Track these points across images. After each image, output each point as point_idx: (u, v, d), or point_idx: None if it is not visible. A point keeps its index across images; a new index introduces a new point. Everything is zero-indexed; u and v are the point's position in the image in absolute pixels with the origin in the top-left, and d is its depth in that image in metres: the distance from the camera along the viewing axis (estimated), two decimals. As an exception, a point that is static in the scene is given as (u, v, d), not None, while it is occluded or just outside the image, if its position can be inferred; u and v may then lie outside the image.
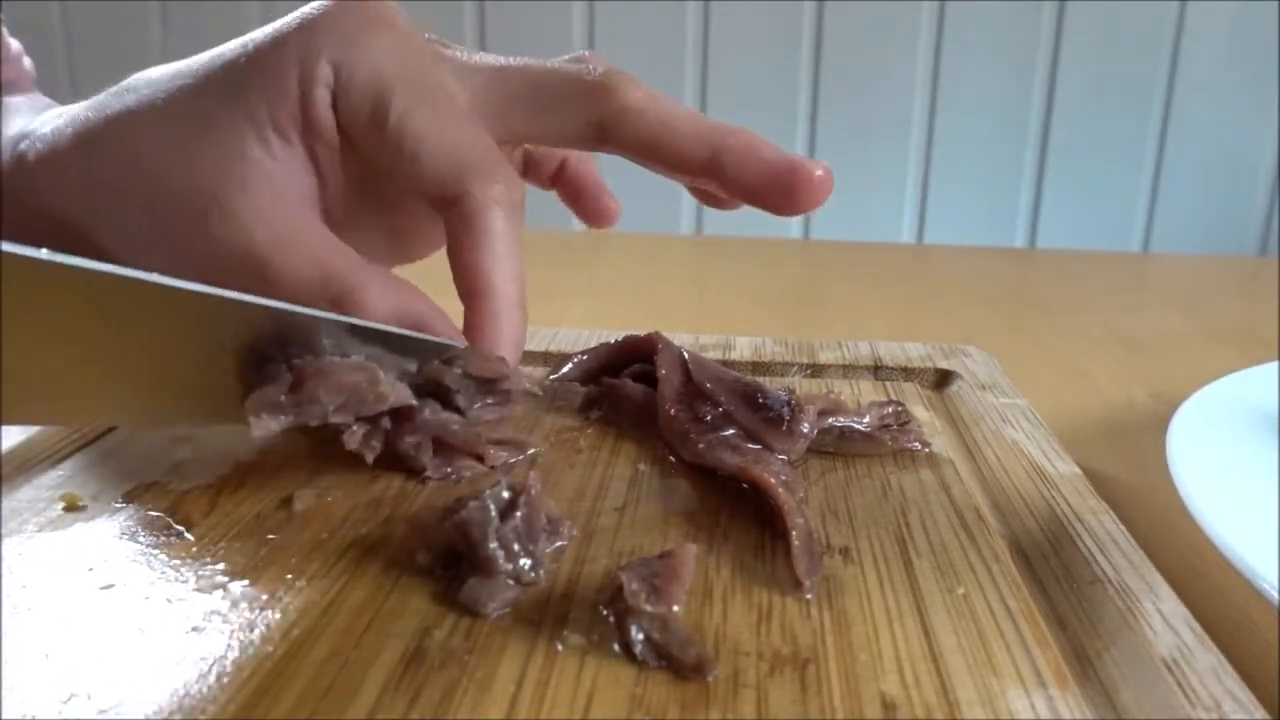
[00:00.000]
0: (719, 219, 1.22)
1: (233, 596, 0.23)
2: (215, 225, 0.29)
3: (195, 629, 0.22)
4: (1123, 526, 0.27)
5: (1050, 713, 0.20)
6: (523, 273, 0.30)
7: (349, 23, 0.30)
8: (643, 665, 0.20)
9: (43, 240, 0.34)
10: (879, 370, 0.41)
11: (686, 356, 0.34)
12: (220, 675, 0.20)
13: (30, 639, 0.21)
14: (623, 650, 0.21)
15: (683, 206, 1.24)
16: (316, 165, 0.31)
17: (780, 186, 0.30)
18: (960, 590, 0.24)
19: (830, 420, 0.32)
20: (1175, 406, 0.34)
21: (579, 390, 0.37)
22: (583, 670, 0.20)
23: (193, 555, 0.25)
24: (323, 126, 0.30)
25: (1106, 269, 0.89)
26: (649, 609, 0.21)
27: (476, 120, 0.31)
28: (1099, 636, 0.22)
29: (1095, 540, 0.26)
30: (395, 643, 0.21)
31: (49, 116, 0.33)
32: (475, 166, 0.30)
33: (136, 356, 0.24)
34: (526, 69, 0.32)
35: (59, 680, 0.20)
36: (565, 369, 0.37)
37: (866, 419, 0.32)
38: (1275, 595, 0.23)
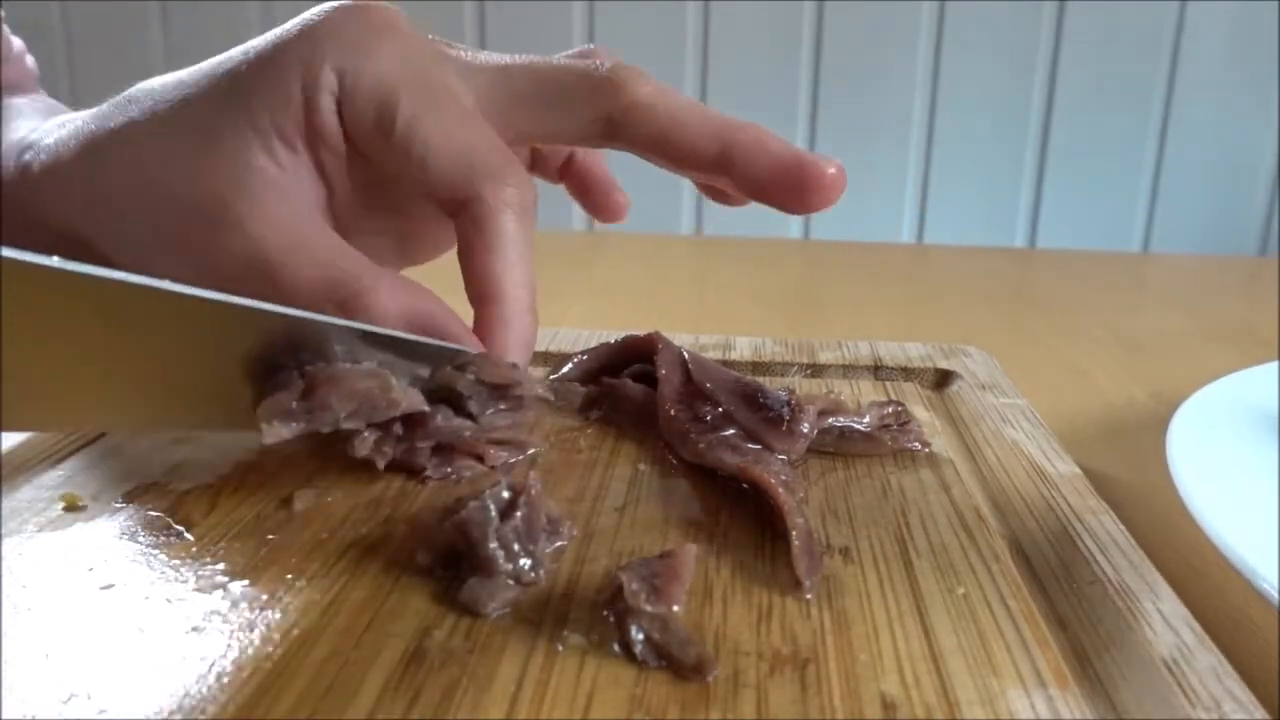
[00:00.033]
0: (719, 219, 1.22)
1: (233, 596, 0.23)
2: (222, 235, 0.29)
3: (195, 629, 0.22)
4: (1123, 526, 0.27)
5: (1050, 713, 0.20)
6: (534, 277, 0.30)
7: (351, 29, 0.30)
8: (643, 665, 0.20)
9: (46, 251, 0.34)
10: (879, 370, 0.41)
11: (686, 356, 0.34)
12: (220, 675, 0.20)
13: (30, 639, 0.21)
14: (623, 650, 0.21)
15: (683, 206, 1.24)
16: (323, 172, 0.31)
17: (790, 183, 0.30)
18: (960, 590, 0.24)
19: (830, 420, 0.32)
20: (1175, 406, 0.34)
21: (579, 390, 0.37)
22: (583, 670, 0.20)
23: (193, 555, 0.25)
24: (328, 134, 0.30)
25: (1106, 269, 0.89)
26: (649, 609, 0.21)
27: (484, 121, 0.31)
28: (1099, 636, 0.22)
29: (1095, 540, 0.26)
30: (395, 643, 0.21)
31: (52, 126, 0.33)
32: (485, 169, 0.29)
33: (148, 364, 0.24)
34: (532, 66, 0.32)
35: (59, 680, 0.20)
36: (565, 369, 0.37)
37: (866, 419, 0.32)
38: (1275, 595, 0.23)
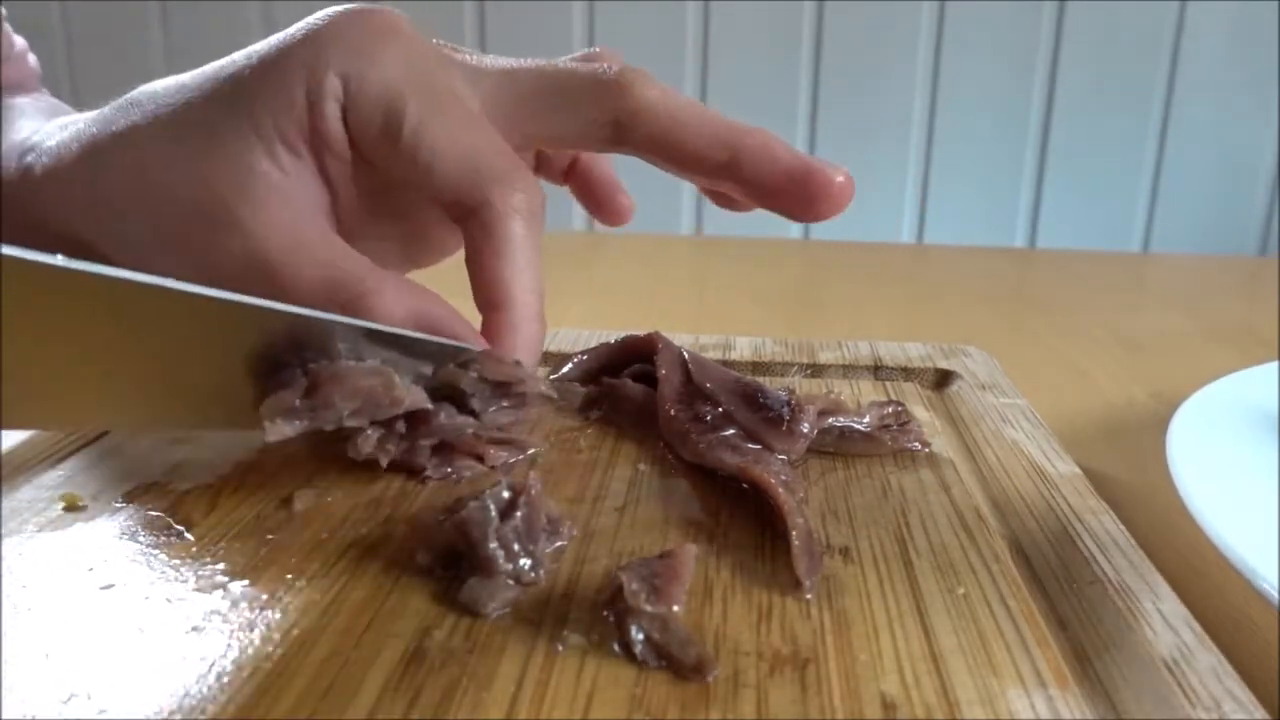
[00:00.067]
0: (719, 219, 1.22)
1: (233, 596, 0.23)
2: (223, 237, 0.28)
3: (195, 629, 0.22)
4: (1123, 526, 0.27)
5: (1050, 713, 0.20)
6: (542, 283, 0.30)
7: (355, 34, 0.30)
8: (643, 665, 0.20)
9: (46, 248, 0.34)
10: (879, 370, 0.41)
11: (686, 356, 0.34)
12: (220, 675, 0.20)
13: (30, 639, 0.21)
14: (623, 650, 0.21)
15: (683, 206, 1.24)
16: (326, 177, 0.30)
17: (797, 191, 0.29)
18: (960, 590, 0.24)
19: (830, 420, 0.32)
20: (1175, 406, 0.34)
21: (579, 390, 0.37)
22: (583, 670, 0.20)
23: (193, 555, 0.25)
24: (333, 139, 0.29)
25: (1106, 269, 0.89)
26: (649, 609, 0.21)
27: (490, 125, 0.30)
28: (1099, 636, 0.22)
29: (1095, 540, 0.26)
30: (395, 643, 0.21)
31: (54, 128, 0.33)
32: (493, 174, 0.29)
33: (150, 362, 0.24)
34: (538, 70, 0.31)
35: (59, 680, 0.20)
36: (565, 369, 0.37)
37: (866, 419, 0.32)
38: (1275, 595, 0.23)
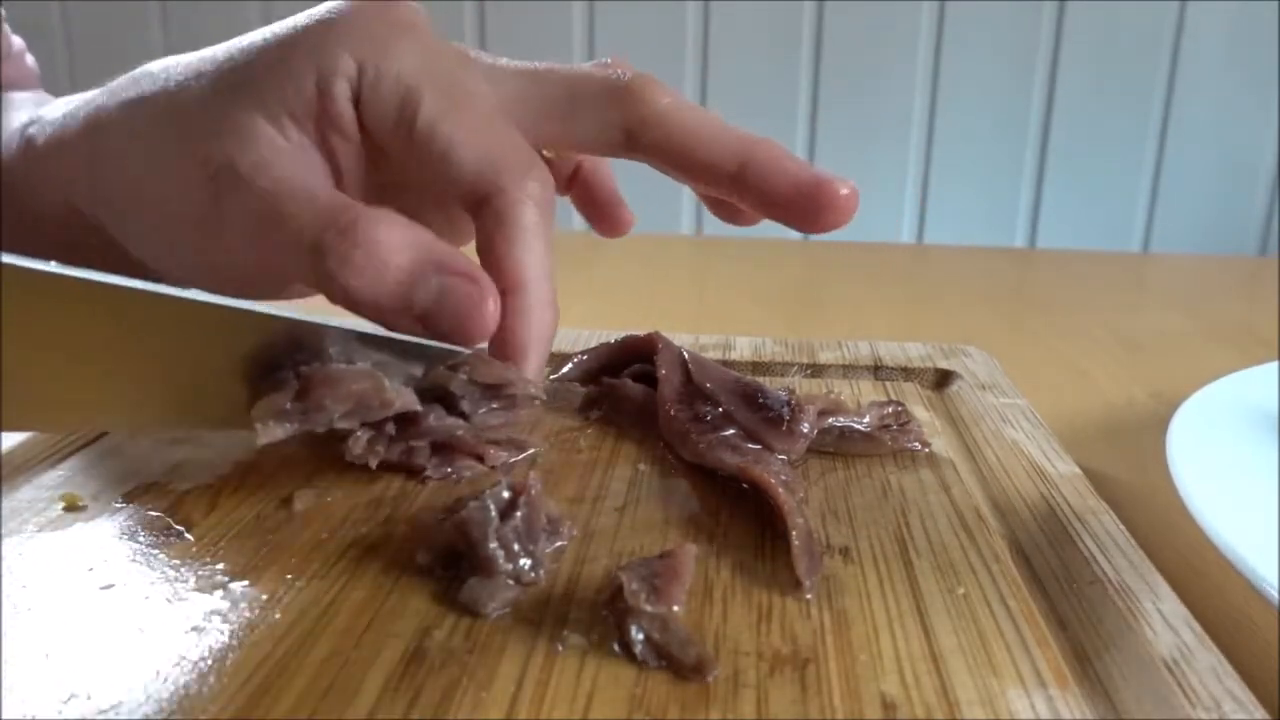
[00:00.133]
0: (719, 220, 1.22)
1: (233, 596, 0.23)
2: (227, 199, 0.29)
3: (195, 629, 0.22)
4: (1123, 526, 0.27)
5: (1050, 713, 0.20)
6: (554, 271, 0.30)
7: (374, 23, 0.30)
8: (643, 665, 0.20)
9: (46, 226, 0.34)
10: (879, 370, 0.41)
11: (686, 356, 0.34)
12: (220, 675, 0.20)
13: (30, 639, 0.21)
14: (623, 650, 0.21)
15: (683, 206, 1.24)
16: (332, 157, 0.30)
17: (806, 202, 0.30)
18: (960, 590, 0.24)
19: (830, 420, 0.32)
20: (1175, 406, 0.34)
21: (579, 390, 0.37)
22: (583, 670, 0.20)
23: (193, 555, 0.25)
24: (340, 119, 0.29)
25: (1106, 269, 0.89)
26: (649, 609, 0.21)
27: (508, 121, 0.31)
28: (1099, 636, 0.22)
29: (1095, 540, 0.26)
30: (395, 643, 0.21)
31: (59, 103, 0.34)
32: (508, 163, 0.29)
33: (145, 364, 0.24)
34: (555, 73, 0.32)
35: (59, 680, 0.20)
36: (565, 369, 0.37)
37: (866, 419, 0.32)
38: (1275, 595, 0.23)
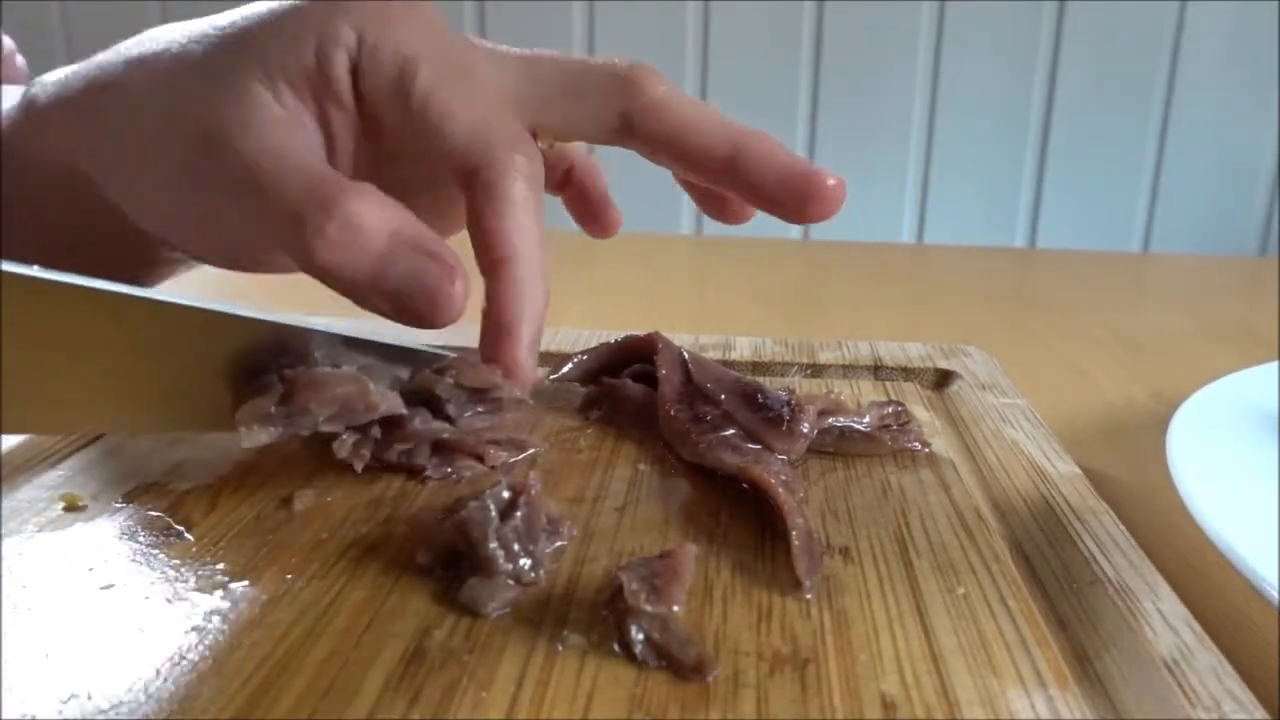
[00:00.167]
0: (719, 219, 1.22)
1: (233, 596, 0.23)
2: (217, 160, 0.29)
3: (195, 629, 0.22)
4: (1123, 526, 0.27)
5: (1050, 713, 0.20)
6: (543, 245, 0.30)
7: (375, 2, 0.30)
8: (643, 665, 0.20)
9: (49, 194, 0.34)
10: (879, 370, 0.41)
11: (686, 356, 0.34)
12: (220, 675, 0.20)
13: (30, 639, 0.21)
14: (623, 650, 0.21)
15: (683, 206, 1.24)
16: (326, 125, 0.31)
17: (796, 191, 0.30)
18: (960, 590, 0.24)
19: (830, 420, 0.32)
20: (1175, 406, 0.34)
21: (579, 390, 0.37)
22: (583, 670, 0.20)
23: (193, 555, 0.25)
24: (337, 86, 0.30)
25: (1106, 269, 0.89)
26: (649, 609, 0.21)
27: (503, 100, 0.31)
28: (1099, 636, 0.22)
29: (1095, 540, 0.26)
30: (395, 643, 0.21)
31: (60, 69, 0.34)
32: (497, 137, 0.30)
33: (131, 367, 0.25)
34: (555, 60, 0.32)
35: (59, 680, 0.20)
36: (565, 369, 0.37)
37: (866, 419, 0.32)
38: (1275, 595, 0.23)
